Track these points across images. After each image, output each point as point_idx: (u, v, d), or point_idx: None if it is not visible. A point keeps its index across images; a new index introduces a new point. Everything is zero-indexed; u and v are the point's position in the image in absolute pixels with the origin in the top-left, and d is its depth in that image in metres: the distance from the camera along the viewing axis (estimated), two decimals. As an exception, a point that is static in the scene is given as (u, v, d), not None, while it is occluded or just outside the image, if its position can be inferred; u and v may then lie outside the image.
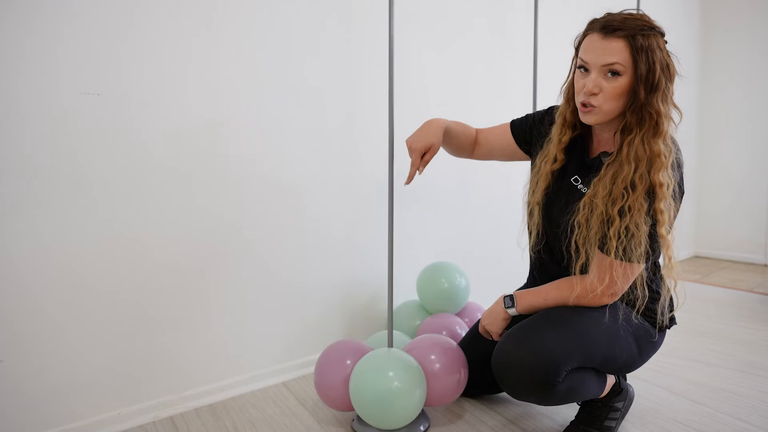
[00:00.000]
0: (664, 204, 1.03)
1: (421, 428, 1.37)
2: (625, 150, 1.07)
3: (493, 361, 1.18)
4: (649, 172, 1.04)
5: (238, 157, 1.56)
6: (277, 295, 1.68)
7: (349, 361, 1.34)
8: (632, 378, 1.65)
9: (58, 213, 1.28)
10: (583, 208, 1.12)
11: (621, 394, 1.32)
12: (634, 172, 1.05)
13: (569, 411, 1.45)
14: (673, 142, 1.09)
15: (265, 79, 1.59)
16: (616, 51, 1.03)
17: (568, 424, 1.35)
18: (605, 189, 1.08)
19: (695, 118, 3.70)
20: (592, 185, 1.13)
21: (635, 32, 1.02)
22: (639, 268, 1.13)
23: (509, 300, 1.27)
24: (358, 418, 1.39)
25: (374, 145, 1.86)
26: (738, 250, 3.57)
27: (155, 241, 1.43)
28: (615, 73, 1.04)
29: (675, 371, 1.74)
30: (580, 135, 1.25)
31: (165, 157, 1.43)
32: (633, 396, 1.39)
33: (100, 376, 1.37)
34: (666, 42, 1.09)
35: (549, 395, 1.12)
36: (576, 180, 1.22)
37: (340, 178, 1.80)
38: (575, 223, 1.14)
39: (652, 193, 1.05)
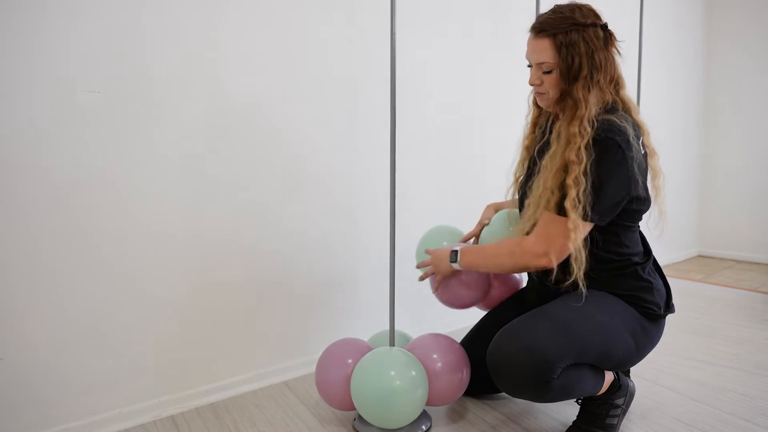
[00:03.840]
0: (573, 180, 1.11)
1: (423, 427, 1.36)
2: (554, 133, 1.19)
3: (488, 360, 1.19)
4: (565, 150, 1.14)
5: (240, 157, 1.56)
6: (279, 293, 1.68)
7: (350, 360, 1.34)
8: (636, 378, 1.64)
9: (58, 211, 1.28)
10: (531, 190, 1.23)
11: (620, 390, 1.31)
12: (558, 149, 1.16)
13: (571, 410, 1.44)
14: (592, 124, 1.13)
15: (265, 76, 1.59)
16: (543, 50, 1.17)
17: (570, 424, 1.34)
18: (545, 168, 1.19)
19: (700, 115, 3.68)
20: (540, 165, 1.23)
21: (558, 31, 1.15)
22: (577, 228, 1.12)
23: (454, 255, 1.31)
24: (360, 417, 1.38)
25: (375, 145, 1.85)
26: (742, 250, 3.55)
27: (156, 239, 1.43)
28: (546, 72, 1.19)
29: (679, 371, 1.73)
30: (552, 116, 1.33)
31: (167, 155, 1.43)
32: (634, 392, 1.38)
33: (100, 374, 1.37)
34: (604, 28, 1.17)
35: (544, 392, 1.13)
36: (540, 156, 1.29)
37: (341, 177, 1.79)
38: (526, 200, 1.25)
39: (566, 169, 1.14)
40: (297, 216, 1.70)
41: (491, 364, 1.17)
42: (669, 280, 2.92)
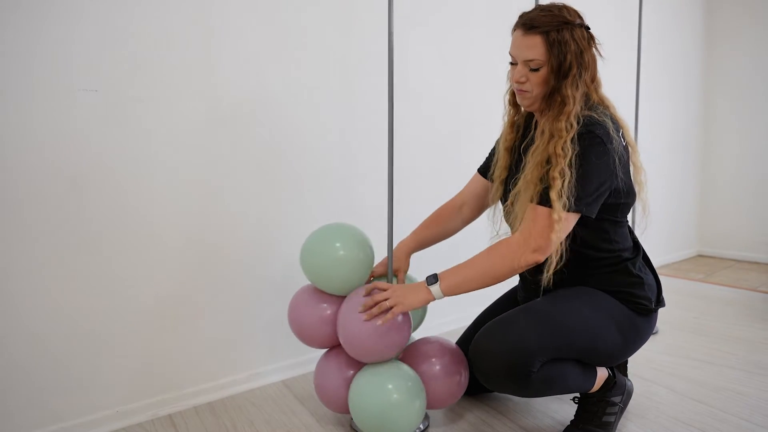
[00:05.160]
0: (559, 171, 1.10)
1: (421, 427, 1.36)
2: (539, 129, 1.20)
3: (469, 354, 1.20)
4: (548, 145, 1.14)
5: (237, 157, 1.56)
6: (277, 292, 1.68)
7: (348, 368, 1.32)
8: (634, 377, 1.64)
9: (57, 211, 1.28)
10: (517, 189, 1.21)
11: (616, 387, 1.30)
12: (541, 144, 1.16)
13: (570, 409, 1.44)
14: (578, 119, 1.14)
15: (263, 78, 1.59)
16: (533, 47, 1.15)
17: (568, 423, 1.33)
18: (528, 164, 1.19)
19: (699, 115, 3.68)
20: (524, 164, 1.22)
21: (550, 28, 1.14)
22: (561, 219, 1.10)
23: (432, 278, 1.18)
24: None
25: (373, 147, 1.85)
26: (742, 249, 3.55)
27: (154, 238, 1.43)
28: (534, 69, 1.17)
29: (678, 370, 1.72)
30: (531, 115, 1.34)
31: (164, 155, 1.43)
32: (632, 390, 1.38)
33: (98, 373, 1.37)
34: (587, 29, 1.18)
35: (523, 385, 1.13)
36: (525, 154, 1.28)
37: (339, 178, 1.79)
38: (513, 201, 1.23)
39: (548, 161, 1.14)
40: (294, 216, 1.70)
41: (472, 355, 1.19)
42: (669, 279, 2.95)
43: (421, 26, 1.96)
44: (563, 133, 1.12)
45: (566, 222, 1.12)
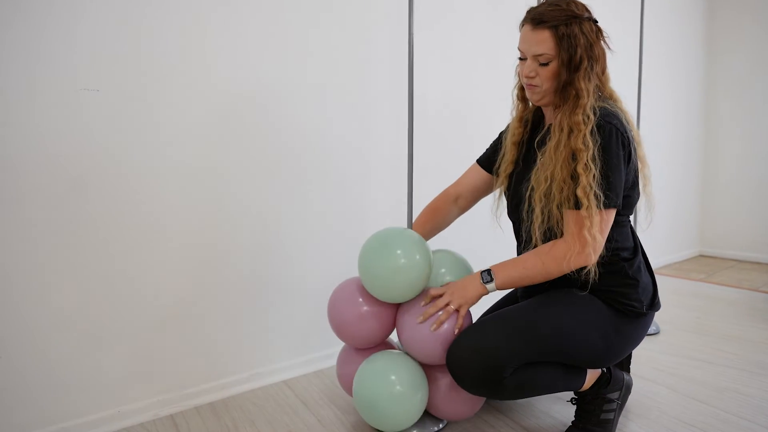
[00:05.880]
0: (583, 167, 1.12)
1: (440, 425, 1.36)
2: (555, 123, 1.20)
3: (446, 355, 1.21)
4: (569, 139, 1.15)
5: (241, 158, 1.56)
6: (279, 292, 1.68)
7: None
8: (636, 377, 1.63)
9: (57, 211, 1.28)
10: (537, 184, 1.21)
11: (612, 383, 1.29)
12: (561, 139, 1.16)
13: (572, 408, 1.43)
14: (594, 111, 1.15)
15: (265, 79, 1.59)
16: (543, 41, 1.16)
17: (569, 423, 1.33)
18: (549, 159, 1.19)
19: (701, 115, 3.67)
20: (539, 159, 1.22)
21: (558, 23, 1.15)
22: (600, 216, 1.13)
23: (487, 275, 1.22)
24: None
25: (375, 144, 1.85)
26: (744, 249, 3.54)
27: (155, 237, 1.43)
28: (544, 63, 1.18)
29: (680, 370, 1.72)
30: (539, 110, 1.35)
31: (165, 155, 1.42)
32: (630, 385, 1.37)
33: (100, 373, 1.37)
34: (595, 22, 1.19)
35: (496, 389, 1.14)
36: (534, 150, 1.28)
37: (341, 176, 1.79)
38: (530, 196, 1.22)
39: (573, 157, 1.15)
40: (299, 215, 1.69)
41: (447, 361, 1.20)
42: (670, 279, 2.94)
43: (425, 27, 1.96)
44: (581, 126, 1.13)
45: (607, 220, 1.15)
